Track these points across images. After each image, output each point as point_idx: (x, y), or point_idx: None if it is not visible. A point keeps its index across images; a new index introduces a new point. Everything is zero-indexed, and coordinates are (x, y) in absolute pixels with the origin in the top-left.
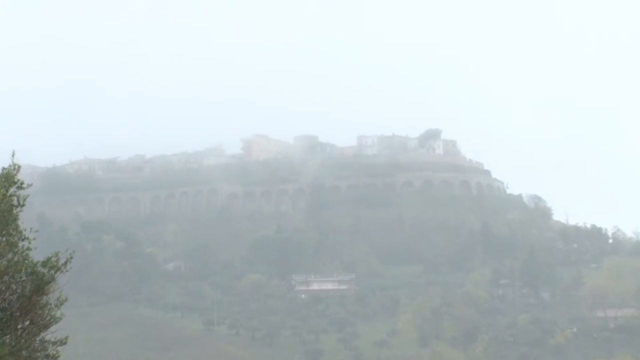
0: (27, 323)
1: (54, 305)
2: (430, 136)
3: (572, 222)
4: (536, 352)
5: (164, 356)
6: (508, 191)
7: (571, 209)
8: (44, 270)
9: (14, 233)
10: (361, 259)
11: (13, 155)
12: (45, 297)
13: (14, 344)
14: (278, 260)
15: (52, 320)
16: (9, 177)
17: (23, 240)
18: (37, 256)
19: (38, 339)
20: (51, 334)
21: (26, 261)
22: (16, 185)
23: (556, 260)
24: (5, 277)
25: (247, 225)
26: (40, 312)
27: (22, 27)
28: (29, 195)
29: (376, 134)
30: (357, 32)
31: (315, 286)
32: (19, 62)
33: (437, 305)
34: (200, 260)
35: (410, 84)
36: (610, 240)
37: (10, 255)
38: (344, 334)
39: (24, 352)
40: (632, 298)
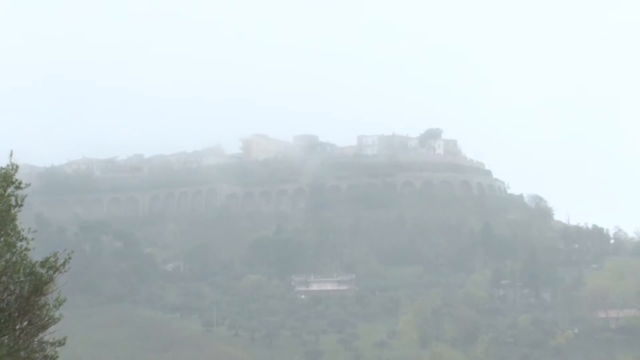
0: (26, 324)
1: (52, 306)
2: (431, 136)
3: (573, 222)
4: (537, 353)
5: (163, 357)
6: (509, 191)
7: (572, 209)
8: (43, 271)
9: (12, 233)
10: (361, 259)
11: (11, 155)
12: (43, 298)
13: (12, 344)
14: (278, 261)
15: (50, 320)
16: (7, 176)
17: (21, 240)
18: (36, 256)
19: (36, 339)
20: (49, 335)
21: (24, 261)
22: (14, 185)
23: (557, 260)
24: (4, 277)
25: (247, 226)
26: (38, 312)
27: (22, 27)
28: (27, 195)
29: (376, 133)
30: (357, 32)
31: (315, 287)
32: (17, 61)
33: (438, 305)
34: (199, 261)
35: (411, 83)
36: (612, 241)
37: (9, 256)
38: (344, 334)
39: (22, 353)
40: (633, 298)
